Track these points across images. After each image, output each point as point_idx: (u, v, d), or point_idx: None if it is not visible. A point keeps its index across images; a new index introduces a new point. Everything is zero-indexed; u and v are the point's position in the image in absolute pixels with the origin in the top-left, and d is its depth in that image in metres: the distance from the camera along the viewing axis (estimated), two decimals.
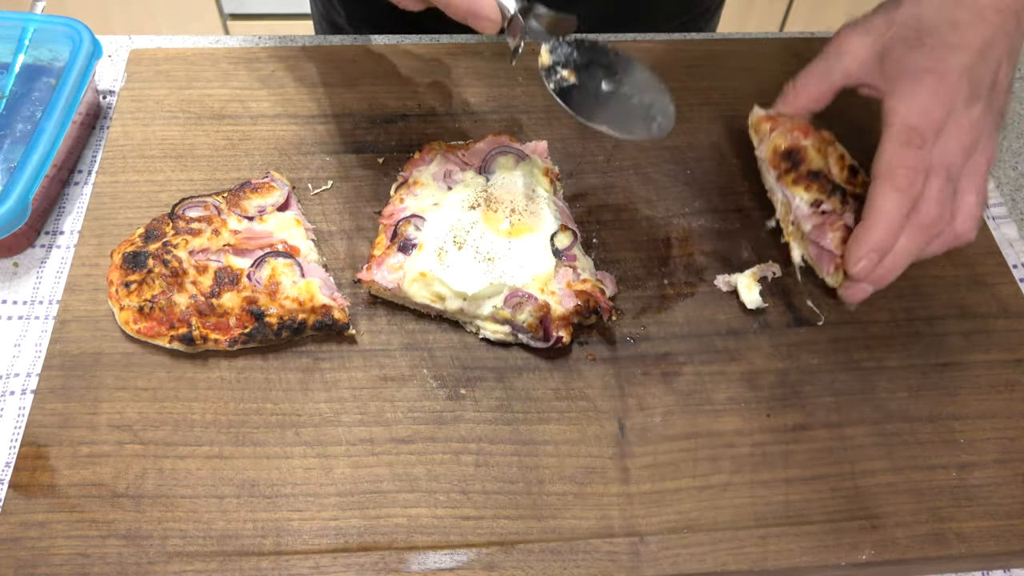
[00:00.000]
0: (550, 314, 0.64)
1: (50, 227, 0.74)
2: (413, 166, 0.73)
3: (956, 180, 0.64)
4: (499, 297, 0.65)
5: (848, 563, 0.59)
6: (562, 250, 0.68)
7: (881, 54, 0.67)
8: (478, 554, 0.58)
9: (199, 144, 0.75)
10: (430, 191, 0.70)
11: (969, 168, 0.64)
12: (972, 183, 0.64)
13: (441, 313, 0.66)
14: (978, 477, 0.62)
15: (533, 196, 0.70)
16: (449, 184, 0.71)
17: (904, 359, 0.67)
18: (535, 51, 0.83)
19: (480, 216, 0.68)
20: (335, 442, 0.61)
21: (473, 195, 0.69)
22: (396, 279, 0.65)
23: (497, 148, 0.73)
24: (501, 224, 0.68)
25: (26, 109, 0.74)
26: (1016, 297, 0.71)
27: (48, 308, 0.69)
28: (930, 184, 0.63)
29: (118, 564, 0.56)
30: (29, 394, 0.64)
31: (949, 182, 0.63)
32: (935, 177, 0.63)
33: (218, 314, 0.64)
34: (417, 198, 0.69)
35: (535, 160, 0.73)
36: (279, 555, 0.57)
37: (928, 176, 0.63)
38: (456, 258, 0.65)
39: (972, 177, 0.65)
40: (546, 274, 0.66)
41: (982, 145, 0.65)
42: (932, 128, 0.63)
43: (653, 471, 0.61)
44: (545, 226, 0.68)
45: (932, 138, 0.63)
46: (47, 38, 0.76)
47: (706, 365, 0.66)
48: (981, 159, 0.65)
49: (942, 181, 0.63)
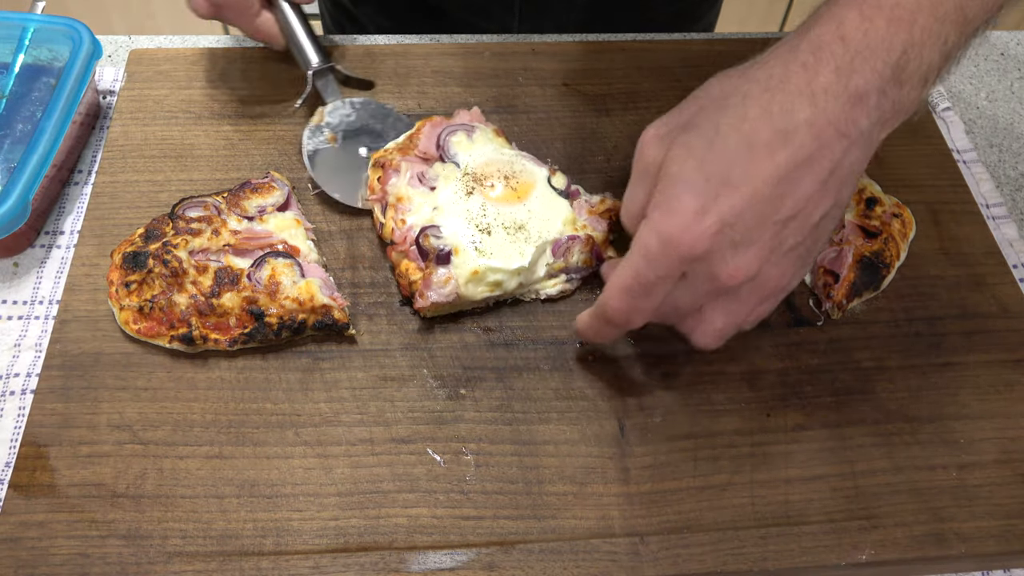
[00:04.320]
0: (595, 242, 0.68)
1: (50, 227, 0.74)
2: (384, 185, 0.69)
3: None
4: (546, 254, 0.67)
5: (848, 563, 0.59)
6: (565, 189, 0.71)
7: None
8: (478, 554, 0.58)
9: (199, 144, 0.76)
10: (419, 200, 0.68)
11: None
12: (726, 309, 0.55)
13: (499, 299, 0.67)
14: (978, 477, 0.62)
15: (507, 157, 0.71)
16: (429, 185, 0.69)
17: (904, 359, 0.67)
18: (534, 50, 0.84)
19: (482, 197, 0.68)
20: (335, 442, 0.61)
21: (459, 184, 0.69)
22: (451, 290, 0.64)
23: (443, 130, 0.72)
24: (505, 194, 0.69)
25: (26, 109, 0.74)
26: (1016, 297, 0.71)
27: (48, 308, 0.69)
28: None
29: (118, 564, 0.56)
30: (29, 394, 0.64)
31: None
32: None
33: (218, 314, 0.64)
34: (414, 212, 0.68)
35: (481, 127, 0.73)
36: (279, 555, 0.57)
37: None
38: (493, 243, 0.66)
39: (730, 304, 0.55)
40: (569, 214, 0.69)
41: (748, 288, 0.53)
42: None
43: (653, 471, 0.61)
44: (538, 176, 0.70)
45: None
46: (47, 38, 0.76)
47: (706, 365, 0.66)
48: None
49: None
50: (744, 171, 0.49)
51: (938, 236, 0.74)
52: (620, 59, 0.84)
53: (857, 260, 0.68)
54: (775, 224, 0.50)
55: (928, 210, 0.75)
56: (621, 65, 0.83)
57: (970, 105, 0.88)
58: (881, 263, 0.68)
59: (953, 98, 0.89)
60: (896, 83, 0.49)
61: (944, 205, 0.76)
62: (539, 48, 0.84)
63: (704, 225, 0.49)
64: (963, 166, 0.82)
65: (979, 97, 0.89)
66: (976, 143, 0.85)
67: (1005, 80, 0.91)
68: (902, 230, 0.71)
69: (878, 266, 0.68)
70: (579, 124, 0.79)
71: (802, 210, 0.50)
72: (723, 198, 0.49)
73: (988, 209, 0.79)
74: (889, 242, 0.70)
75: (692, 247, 0.50)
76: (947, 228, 0.75)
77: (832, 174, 0.49)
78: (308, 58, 0.75)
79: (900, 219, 0.71)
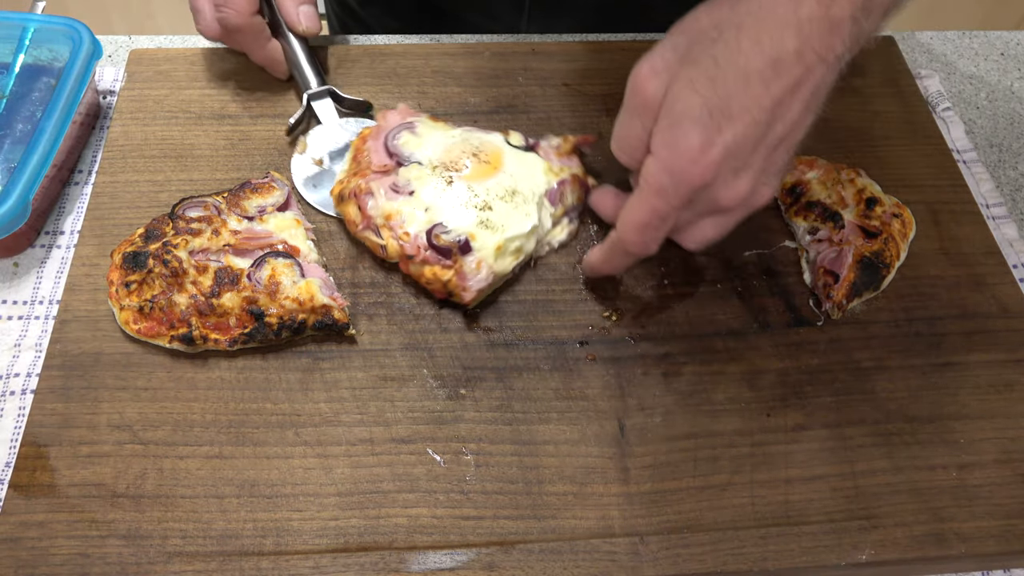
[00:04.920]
0: (580, 178, 0.72)
1: (50, 227, 0.74)
2: (365, 210, 0.68)
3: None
4: (545, 205, 0.70)
5: (848, 563, 0.59)
6: (526, 143, 0.73)
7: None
8: (478, 554, 0.58)
9: (199, 144, 0.76)
10: (408, 209, 0.67)
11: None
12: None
13: (525, 262, 0.70)
14: (978, 477, 0.62)
15: (460, 137, 0.72)
16: (406, 192, 0.68)
17: (904, 359, 0.67)
18: (534, 50, 0.84)
19: (463, 181, 0.69)
20: (335, 442, 0.61)
21: (435, 178, 0.69)
22: (486, 273, 0.65)
23: (387, 137, 0.72)
24: (481, 170, 0.70)
25: (26, 109, 0.74)
26: (1016, 297, 0.71)
27: (48, 308, 0.69)
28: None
29: (118, 564, 0.56)
30: (29, 394, 0.64)
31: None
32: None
33: (218, 314, 0.64)
34: (409, 222, 0.67)
35: (419, 120, 0.73)
36: (279, 555, 0.57)
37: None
38: (498, 215, 0.67)
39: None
40: (543, 164, 0.71)
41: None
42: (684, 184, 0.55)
43: (653, 471, 0.61)
44: (498, 142, 0.72)
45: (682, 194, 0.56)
46: (47, 38, 0.76)
47: (706, 365, 0.66)
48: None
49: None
50: (742, 102, 0.53)
51: (938, 236, 0.74)
52: (620, 59, 0.84)
53: (857, 260, 0.68)
54: (768, 147, 0.55)
55: (928, 210, 0.75)
56: (621, 65, 0.82)
57: (970, 105, 0.88)
58: (881, 263, 0.69)
59: (953, 98, 0.89)
60: (865, 11, 0.53)
61: (944, 205, 0.76)
62: (539, 48, 0.84)
63: (711, 157, 0.53)
64: (963, 166, 0.82)
65: (979, 97, 0.89)
66: (976, 143, 0.85)
67: (1005, 80, 0.91)
68: (902, 230, 0.71)
69: (878, 266, 0.68)
70: (579, 124, 0.79)
71: (791, 132, 0.55)
72: (726, 130, 0.53)
73: (988, 209, 0.79)
74: (889, 242, 0.70)
75: (702, 178, 0.54)
76: (947, 228, 0.75)
77: (813, 95, 0.54)
78: (307, 80, 0.77)
79: (900, 219, 0.72)
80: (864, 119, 0.80)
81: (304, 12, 0.76)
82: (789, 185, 0.73)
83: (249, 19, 0.73)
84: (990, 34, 0.95)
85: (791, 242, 0.73)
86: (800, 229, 0.72)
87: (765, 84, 0.52)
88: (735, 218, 0.60)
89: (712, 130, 0.53)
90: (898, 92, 0.83)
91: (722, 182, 0.55)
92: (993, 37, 0.94)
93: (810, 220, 0.72)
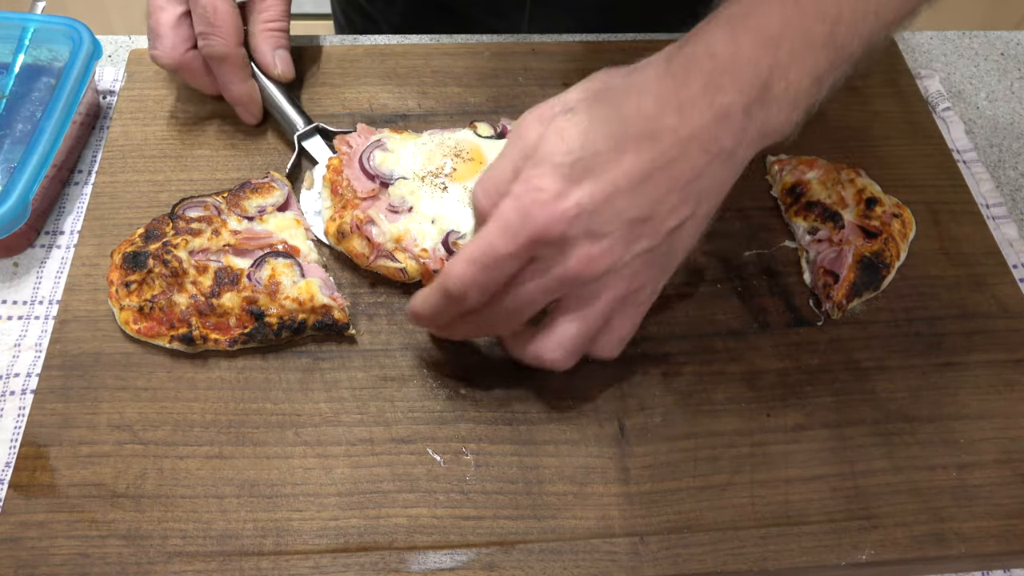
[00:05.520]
0: None
1: (50, 227, 0.74)
2: (373, 240, 0.67)
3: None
4: None
5: (848, 563, 0.59)
6: (495, 131, 0.74)
7: None
8: (478, 554, 0.58)
9: (199, 144, 0.75)
10: (414, 226, 0.67)
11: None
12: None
13: None
14: (978, 477, 0.62)
15: (433, 142, 0.72)
16: (405, 208, 0.68)
17: (904, 359, 0.67)
18: (534, 50, 0.84)
19: (456, 184, 0.69)
20: (335, 442, 0.61)
21: (427, 188, 0.68)
22: None
23: (361, 161, 0.70)
24: (468, 168, 0.70)
25: (26, 109, 0.74)
26: (1016, 297, 0.71)
27: (48, 308, 0.69)
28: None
29: (118, 564, 0.56)
30: (29, 394, 0.64)
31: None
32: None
33: (218, 314, 0.64)
34: (421, 237, 0.66)
35: (385, 134, 0.72)
36: (279, 555, 0.57)
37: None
38: None
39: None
40: None
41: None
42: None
43: (653, 471, 0.61)
44: (470, 138, 0.72)
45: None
46: (47, 38, 0.76)
47: (706, 365, 0.66)
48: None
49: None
50: (608, 164, 0.50)
51: (938, 236, 0.74)
52: (620, 59, 0.83)
53: (857, 260, 0.68)
54: (629, 222, 0.51)
55: (928, 210, 0.75)
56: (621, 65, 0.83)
57: (970, 105, 0.88)
58: (881, 263, 0.69)
59: (953, 98, 0.89)
60: (762, 103, 0.50)
61: (944, 205, 0.76)
62: (539, 48, 0.84)
63: (562, 207, 0.50)
64: (963, 166, 0.82)
65: (979, 97, 0.89)
66: (976, 143, 0.85)
67: (1005, 80, 0.91)
68: (902, 230, 0.71)
69: (878, 266, 0.68)
70: None
71: (656, 213, 0.51)
72: (585, 185, 0.50)
73: (988, 209, 0.79)
74: (889, 242, 0.70)
75: (547, 227, 0.50)
76: (947, 228, 0.75)
77: (690, 184, 0.51)
78: (293, 122, 0.75)
79: (900, 219, 0.72)
80: (864, 119, 0.80)
81: (280, 56, 0.75)
82: (789, 185, 0.73)
83: (236, 49, 0.71)
84: (990, 34, 0.95)
85: (791, 242, 0.73)
86: (800, 229, 0.72)
87: (636, 152, 0.49)
88: (599, 311, 0.54)
89: (570, 181, 0.50)
90: (898, 92, 0.83)
91: (573, 241, 0.50)
92: (993, 37, 0.94)
93: (810, 220, 0.72)
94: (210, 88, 0.75)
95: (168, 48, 0.71)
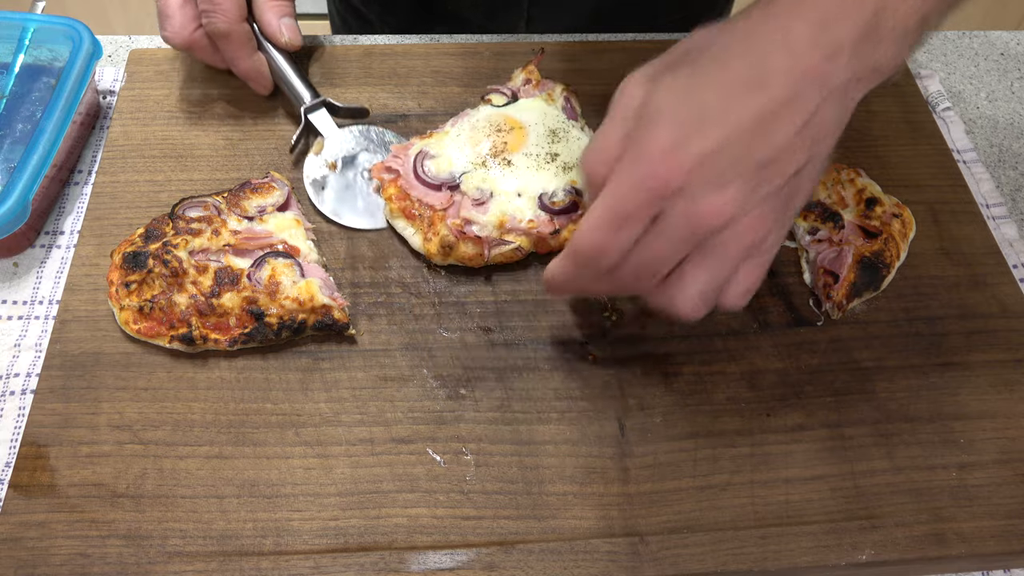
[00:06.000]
0: (567, 90, 0.77)
1: (50, 227, 0.74)
2: (482, 242, 0.68)
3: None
4: (574, 125, 0.74)
5: (848, 563, 0.59)
6: (510, 96, 0.76)
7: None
8: (478, 554, 0.58)
9: (199, 144, 0.76)
10: (507, 208, 0.68)
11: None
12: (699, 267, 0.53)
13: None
14: (978, 477, 0.62)
15: (464, 129, 0.72)
16: (487, 198, 0.68)
17: (904, 359, 0.67)
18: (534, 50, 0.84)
19: (516, 155, 0.70)
20: (335, 442, 0.61)
21: (494, 172, 0.69)
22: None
23: (417, 173, 0.71)
24: (513, 137, 0.71)
25: (26, 109, 0.74)
26: (1016, 297, 0.71)
27: (48, 308, 0.69)
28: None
29: (118, 564, 0.56)
30: (29, 394, 0.64)
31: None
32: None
33: (218, 314, 0.64)
34: (519, 214, 0.67)
35: (425, 142, 0.72)
36: (279, 555, 0.57)
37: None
38: (565, 154, 0.71)
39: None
40: (538, 100, 0.75)
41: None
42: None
43: (653, 471, 0.61)
44: (494, 111, 0.73)
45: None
46: (47, 38, 0.76)
47: (706, 365, 0.66)
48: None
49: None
50: (721, 111, 0.49)
51: (938, 236, 0.74)
52: (621, 59, 0.84)
53: (857, 260, 0.68)
54: (752, 166, 0.49)
55: (928, 210, 0.75)
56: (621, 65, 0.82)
57: (970, 105, 0.88)
58: (881, 263, 0.69)
59: (953, 98, 0.89)
60: (870, 40, 0.49)
61: (944, 205, 0.76)
62: (539, 48, 0.84)
63: (679, 159, 0.49)
64: (963, 166, 0.82)
65: (979, 97, 0.89)
66: (976, 143, 0.85)
67: (1005, 80, 0.91)
68: (902, 230, 0.71)
69: (878, 266, 0.68)
70: None
71: (778, 157, 0.50)
72: (699, 135, 0.49)
73: (988, 209, 0.79)
74: (889, 242, 0.70)
75: (667, 180, 0.49)
76: (947, 228, 0.75)
77: (807, 125, 0.49)
78: (301, 95, 0.75)
79: (900, 219, 0.71)
80: (864, 119, 0.80)
81: (286, 24, 0.75)
82: None
83: (238, 25, 0.72)
84: (990, 34, 0.95)
85: (791, 242, 0.73)
86: (800, 229, 0.72)
87: (747, 97, 0.49)
88: (729, 261, 0.53)
89: (684, 133, 0.49)
90: (898, 92, 0.83)
91: (697, 191, 0.49)
92: (993, 37, 0.94)
93: (810, 220, 0.72)
94: (221, 64, 0.76)
95: (177, 28, 0.72)
